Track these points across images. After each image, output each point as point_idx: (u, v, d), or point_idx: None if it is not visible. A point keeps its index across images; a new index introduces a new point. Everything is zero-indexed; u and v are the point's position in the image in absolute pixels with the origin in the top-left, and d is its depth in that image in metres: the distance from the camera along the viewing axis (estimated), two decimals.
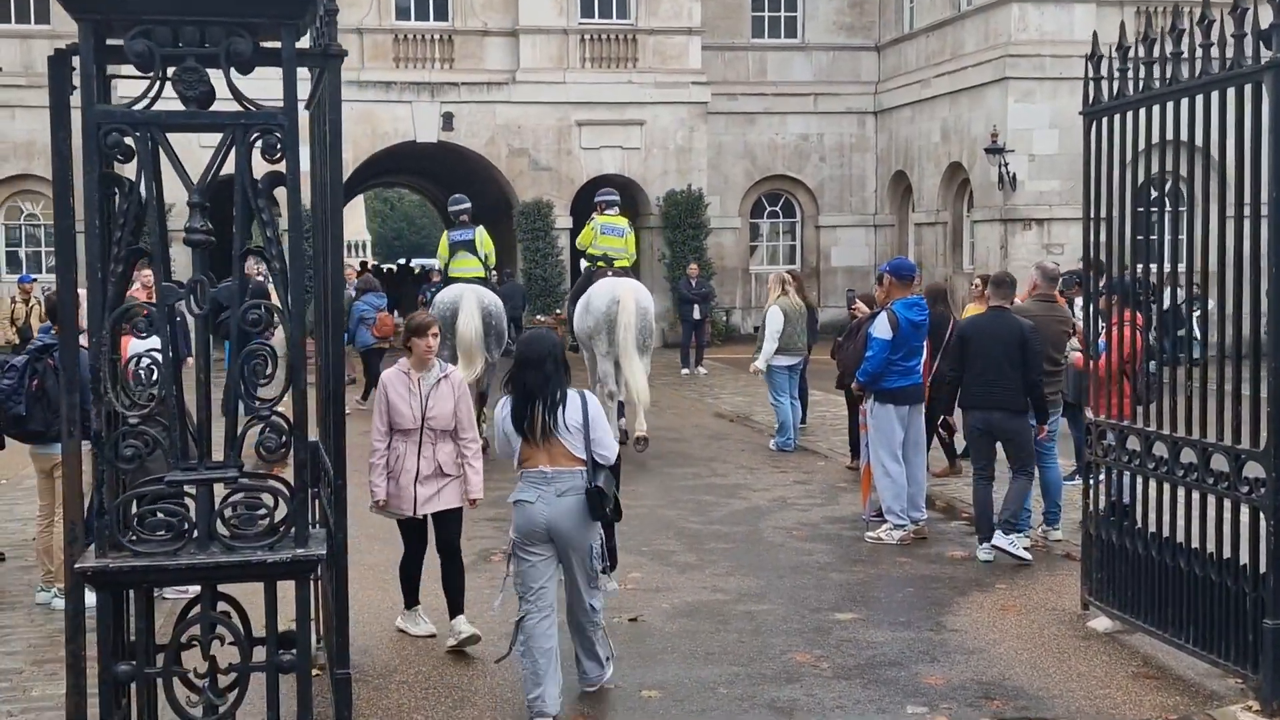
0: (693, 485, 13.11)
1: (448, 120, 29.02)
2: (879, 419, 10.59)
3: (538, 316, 27.49)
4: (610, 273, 15.12)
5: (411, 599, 8.28)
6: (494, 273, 16.28)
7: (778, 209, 33.83)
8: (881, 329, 10.49)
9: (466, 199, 15.89)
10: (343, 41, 24.10)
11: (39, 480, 8.82)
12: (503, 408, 6.86)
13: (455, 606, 7.97)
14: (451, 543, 8.03)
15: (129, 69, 5.66)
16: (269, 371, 5.55)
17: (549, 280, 29.37)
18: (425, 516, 7.98)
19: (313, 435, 6.09)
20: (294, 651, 5.61)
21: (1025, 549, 9.80)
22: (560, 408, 6.65)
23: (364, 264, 50.56)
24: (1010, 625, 8.26)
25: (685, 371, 24.21)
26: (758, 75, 32.81)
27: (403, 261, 53.02)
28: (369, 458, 7.81)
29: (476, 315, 14.34)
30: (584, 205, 30.28)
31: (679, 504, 12.07)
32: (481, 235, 15.43)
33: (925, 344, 10.92)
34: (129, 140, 5.38)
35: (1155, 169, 7.77)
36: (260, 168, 5.56)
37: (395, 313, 20.72)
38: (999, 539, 9.78)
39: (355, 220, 76.54)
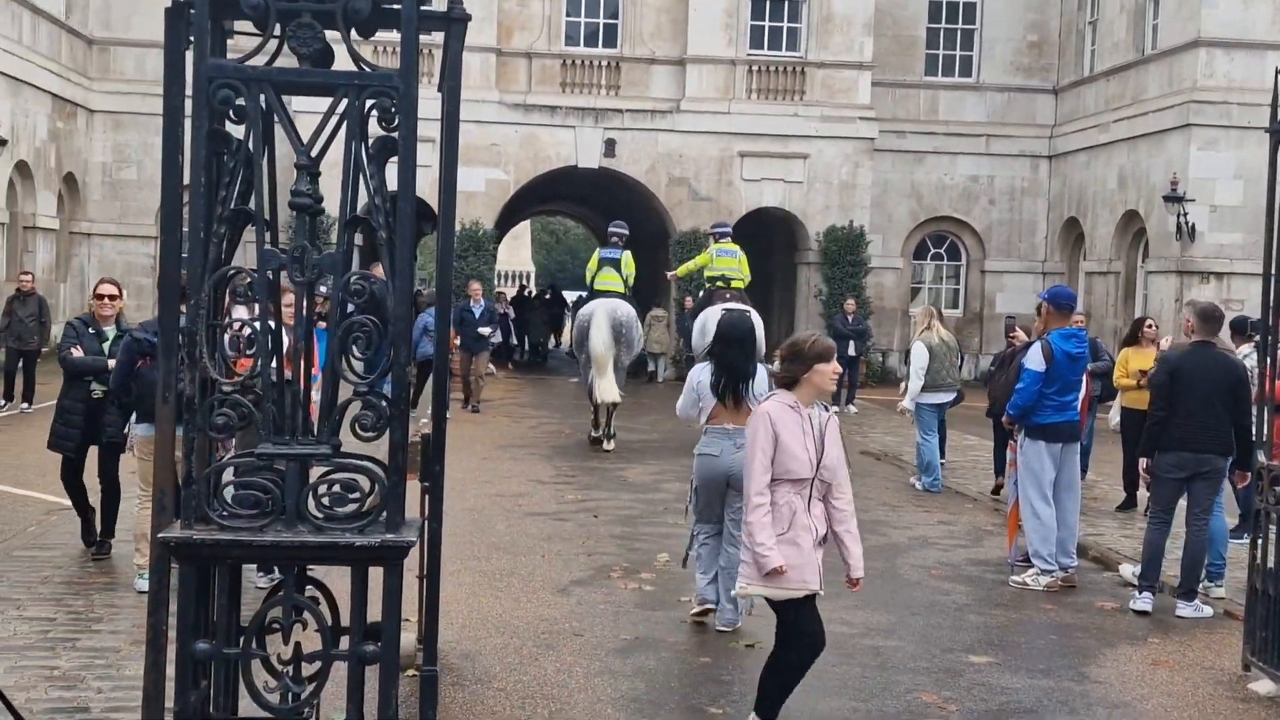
0: None
1: (610, 146, 28.98)
2: (1029, 456, 9.94)
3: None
4: (728, 294, 16.74)
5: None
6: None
7: (942, 251, 33.01)
8: (1034, 360, 9.87)
9: (625, 225, 18.43)
10: (512, 65, 24.69)
11: (139, 464, 8.76)
12: (701, 373, 8.43)
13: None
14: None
15: (247, 25, 5.51)
16: (369, 346, 5.31)
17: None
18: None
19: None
20: (380, 643, 5.36)
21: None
22: (752, 380, 8.20)
23: (522, 288, 51.37)
24: (1161, 681, 7.59)
25: (835, 409, 23.57)
26: (928, 114, 32.10)
27: (552, 288, 53.87)
28: (748, 514, 6.08)
29: (606, 329, 16.65)
30: (742, 238, 29.92)
31: None
32: (627, 257, 17.85)
33: (1085, 379, 10.19)
34: (241, 101, 5.21)
35: None
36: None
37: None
38: (1183, 609, 9.09)
39: (521, 250, 77.53)
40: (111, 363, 9.30)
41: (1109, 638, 8.53)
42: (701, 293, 18.11)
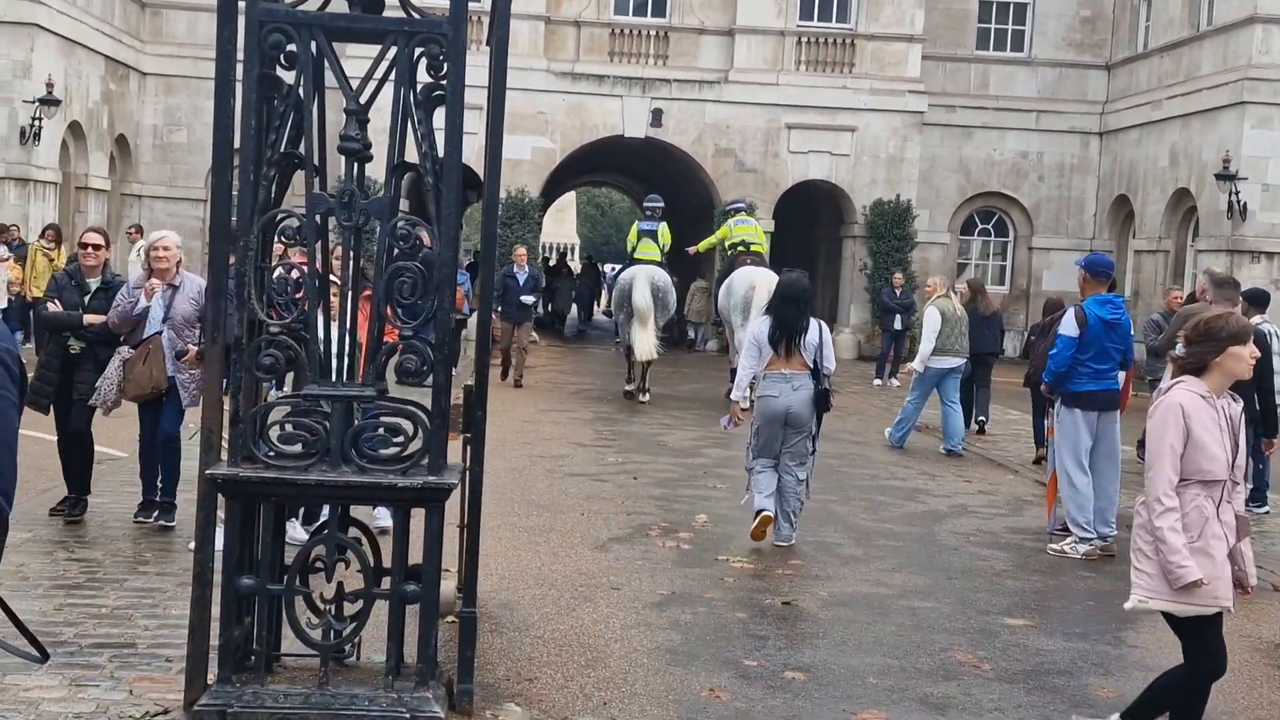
0: (868, 485, 12.60)
1: (657, 116, 28.93)
2: (1065, 424, 9.91)
3: None
4: (749, 259, 18.37)
5: None
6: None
7: (989, 227, 32.78)
8: (1069, 326, 9.83)
9: (660, 199, 20.36)
10: (561, 33, 24.88)
11: None
12: (761, 325, 9.69)
13: None
14: None
15: None
16: (415, 291, 5.38)
17: None
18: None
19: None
20: (421, 583, 5.44)
21: None
22: (804, 332, 9.44)
23: (562, 256, 51.53)
24: None
25: (878, 382, 23.57)
26: (978, 88, 31.81)
27: (589, 257, 54.37)
28: (1155, 519, 5.37)
29: (647, 289, 18.27)
30: (788, 210, 29.94)
31: (851, 501, 11.59)
32: (663, 228, 19.70)
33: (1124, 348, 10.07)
34: (292, 46, 5.28)
35: None
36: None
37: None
38: None
39: (566, 223, 77.55)
40: (89, 318, 9.01)
41: None
42: (726, 260, 19.64)
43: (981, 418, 16.81)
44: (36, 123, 23.53)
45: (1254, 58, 25.27)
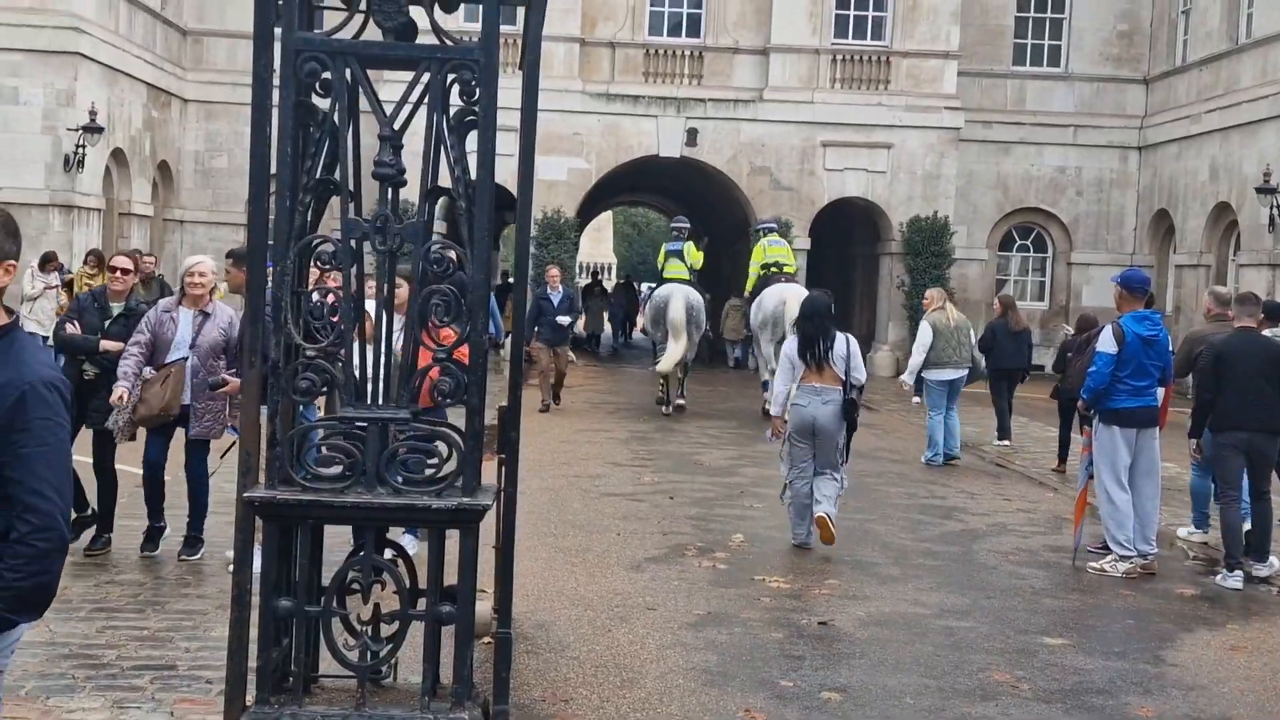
0: (906, 504, 12.56)
1: (692, 136, 28.96)
2: (1103, 441, 9.85)
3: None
4: (781, 278, 19.40)
5: None
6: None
7: (1028, 243, 32.60)
8: (1106, 342, 9.79)
9: (686, 220, 22.16)
10: (595, 54, 25.13)
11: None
12: (791, 342, 10.49)
13: None
14: None
15: (335, 0, 5.65)
16: (449, 313, 5.42)
17: None
18: None
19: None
20: (456, 604, 5.47)
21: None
22: (831, 345, 10.00)
23: (595, 275, 51.69)
24: (1239, 666, 7.52)
25: (916, 400, 23.38)
26: (1015, 104, 31.68)
27: (626, 276, 54.66)
28: None
29: (683, 307, 19.06)
30: (824, 228, 29.90)
31: (889, 520, 11.56)
32: (689, 247, 20.45)
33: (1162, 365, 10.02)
34: (327, 74, 5.35)
35: None
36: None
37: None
38: (1259, 569, 9.74)
39: (603, 243, 77.73)
40: (105, 344, 8.86)
41: (1187, 623, 8.46)
42: (758, 280, 20.28)
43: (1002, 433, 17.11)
44: (80, 150, 23.81)
45: None
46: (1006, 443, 16.85)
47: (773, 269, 19.76)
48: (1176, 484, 13.18)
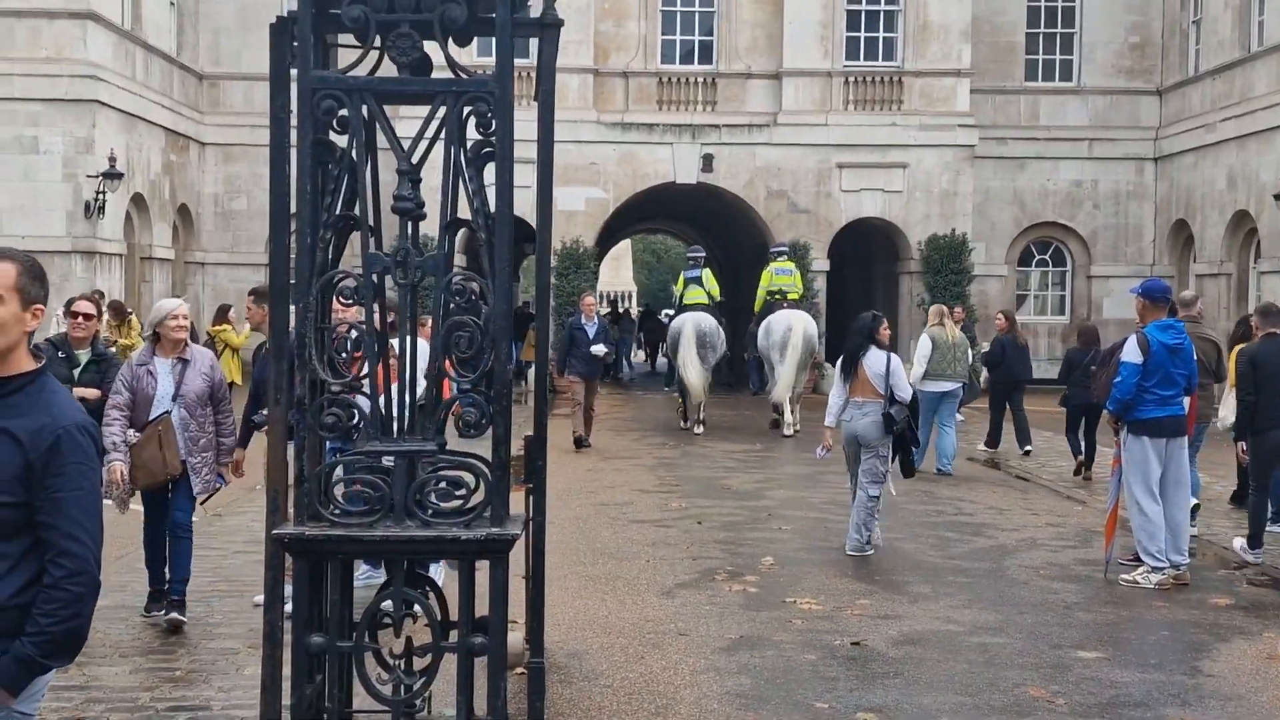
0: (935, 522, 12.51)
1: (707, 162, 29.04)
2: (1133, 452, 9.80)
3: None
4: (785, 304, 20.85)
5: None
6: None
7: (1047, 257, 32.54)
8: (1131, 353, 9.76)
9: (702, 249, 23.69)
10: (609, 84, 25.41)
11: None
12: (837, 368, 11.06)
13: None
14: None
15: (349, 39, 5.69)
16: (472, 345, 5.44)
17: None
18: None
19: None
20: (488, 635, 5.47)
21: None
22: (857, 361, 10.69)
23: (614, 304, 51.78)
24: (1276, 675, 7.45)
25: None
26: (1029, 119, 31.68)
27: (647, 306, 54.94)
28: None
29: (693, 338, 20.00)
30: (843, 249, 29.90)
31: (919, 538, 11.51)
32: (706, 274, 21.47)
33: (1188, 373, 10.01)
34: (343, 111, 5.39)
35: None
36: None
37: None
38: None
39: (623, 271, 77.86)
40: (80, 392, 8.27)
41: (1223, 633, 8.39)
42: (765, 304, 21.69)
43: (1028, 447, 17.63)
44: (101, 196, 24.03)
45: None
46: (994, 450, 17.66)
47: (776, 295, 21.23)
48: (1206, 494, 13.11)
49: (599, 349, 18.25)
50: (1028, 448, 17.40)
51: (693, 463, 16.92)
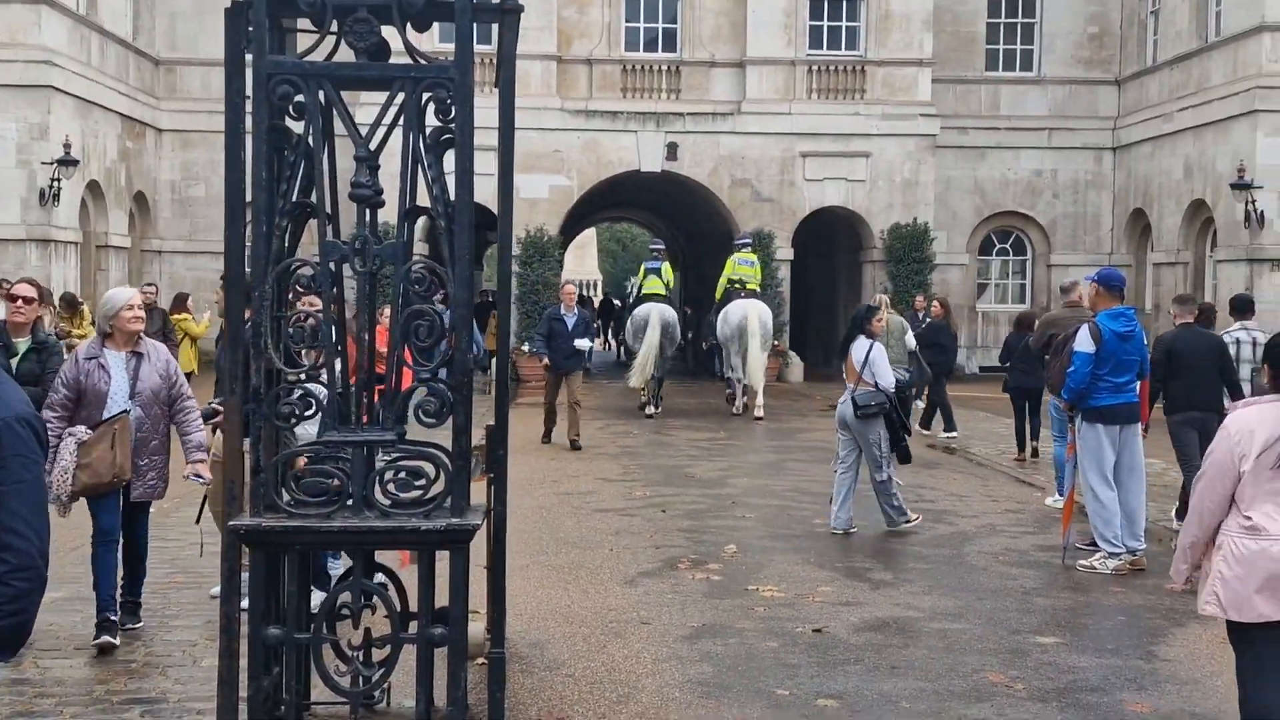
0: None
1: (672, 150, 28.97)
2: (1087, 440, 9.87)
3: None
4: (743, 294, 21.60)
5: None
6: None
7: (1007, 246, 32.72)
8: (1084, 342, 9.83)
9: (662, 243, 24.89)
10: (573, 72, 25.30)
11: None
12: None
13: None
14: None
15: (307, 23, 5.62)
16: (432, 334, 5.40)
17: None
18: None
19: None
20: (448, 626, 5.43)
21: None
22: (847, 352, 11.29)
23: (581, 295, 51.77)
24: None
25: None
26: (990, 109, 31.85)
27: (606, 296, 55.12)
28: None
29: (658, 326, 20.60)
30: (806, 238, 29.95)
31: (880, 525, 11.52)
32: (665, 267, 22.53)
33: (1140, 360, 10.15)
34: (300, 96, 5.32)
35: None
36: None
37: None
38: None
39: (588, 260, 77.65)
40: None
41: (1179, 618, 8.46)
42: (724, 293, 22.43)
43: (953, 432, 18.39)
44: (55, 184, 23.75)
45: (1264, 66, 25.23)
46: (927, 432, 18.34)
47: (736, 285, 21.97)
48: (1162, 480, 13.23)
49: (583, 343, 17.16)
50: (952, 433, 18.15)
51: (656, 451, 16.91)
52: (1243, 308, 12.29)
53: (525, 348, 26.73)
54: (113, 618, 7.30)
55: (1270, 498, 5.20)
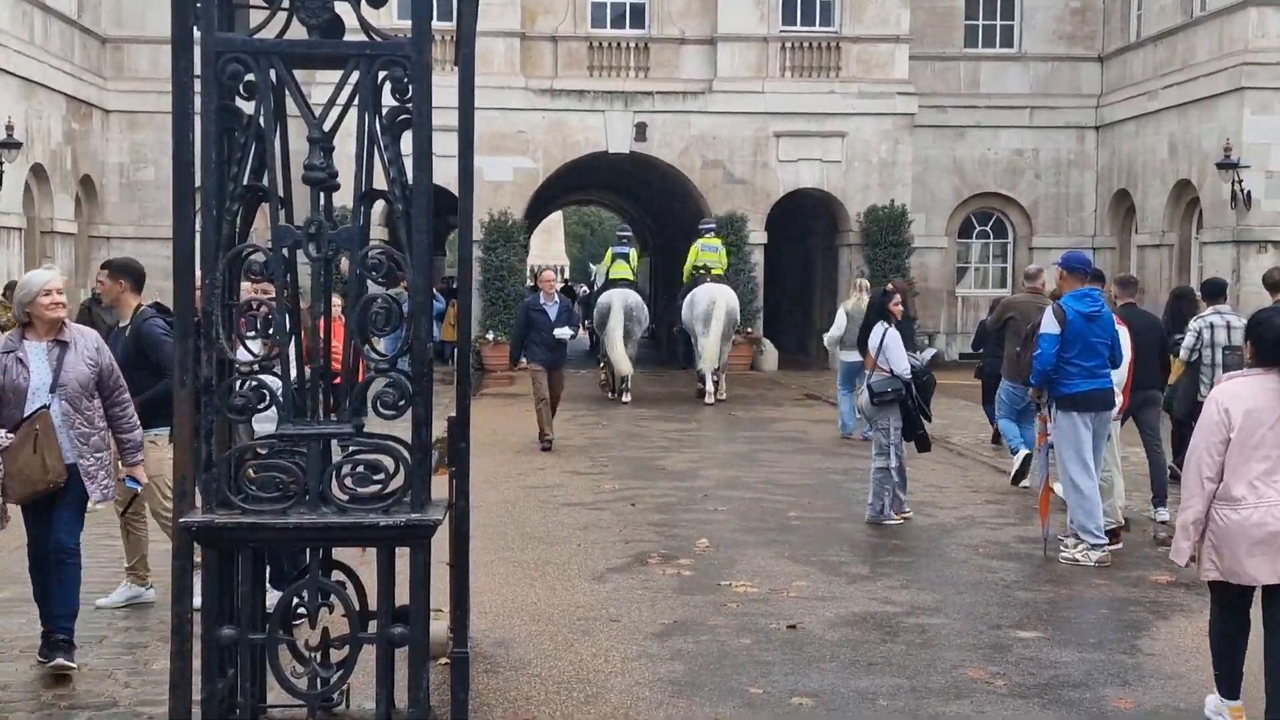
0: None
1: (641, 131, 28.49)
2: (1062, 428, 9.68)
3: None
4: (709, 279, 21.86)
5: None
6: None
7: (988, 228, 32.35)
8: (1049, 324, 9.67)
9: (629, 229, 25.76)
10: (537, 49, 24.91)
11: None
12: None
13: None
14: None
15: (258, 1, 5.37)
16: (389, 322, 5.18)
17: (741, 297, 28.58)
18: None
19: None
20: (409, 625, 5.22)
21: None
22: (869, 336, 11.19)
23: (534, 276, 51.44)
24: None
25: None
26: (969, 87, 31.41)
27: (567, 282, 54.95)
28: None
29: (621, 312, 20.98)
30: (781, 220, 29.66)
31: (856, 517, 11.33)
32: (632, 252, 22.93)
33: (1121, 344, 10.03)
34: (250, 75, 5.08)
35: None
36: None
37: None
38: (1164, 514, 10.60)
39: (554, 244, 77.19)
40: None
41: (1162, 610, 8.30)
42: (689, 279, 22.72)
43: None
44: None
45: (1250, 42, 24.90)
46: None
47: (701, 270, 22.27)
48: (1140, 469, 13.07)
49: (564, 332, 15.86)
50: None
51: (626, 443, 16.66)
52: (1216, 292, 12.26)
53: (489, 335, 26.54)
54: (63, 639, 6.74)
55: (1252, 468, 5.69)
